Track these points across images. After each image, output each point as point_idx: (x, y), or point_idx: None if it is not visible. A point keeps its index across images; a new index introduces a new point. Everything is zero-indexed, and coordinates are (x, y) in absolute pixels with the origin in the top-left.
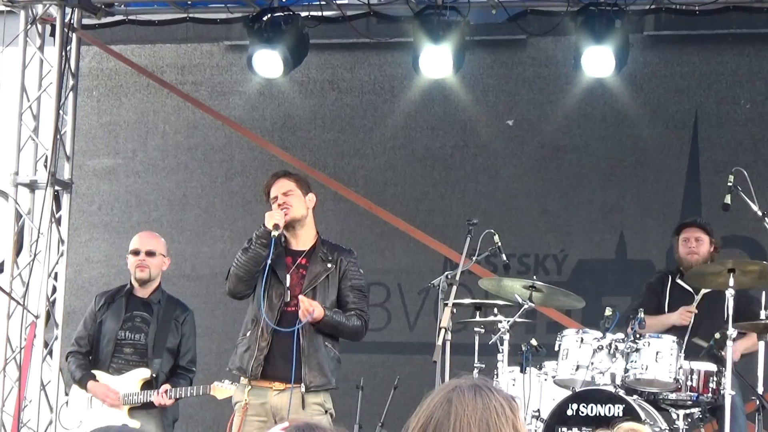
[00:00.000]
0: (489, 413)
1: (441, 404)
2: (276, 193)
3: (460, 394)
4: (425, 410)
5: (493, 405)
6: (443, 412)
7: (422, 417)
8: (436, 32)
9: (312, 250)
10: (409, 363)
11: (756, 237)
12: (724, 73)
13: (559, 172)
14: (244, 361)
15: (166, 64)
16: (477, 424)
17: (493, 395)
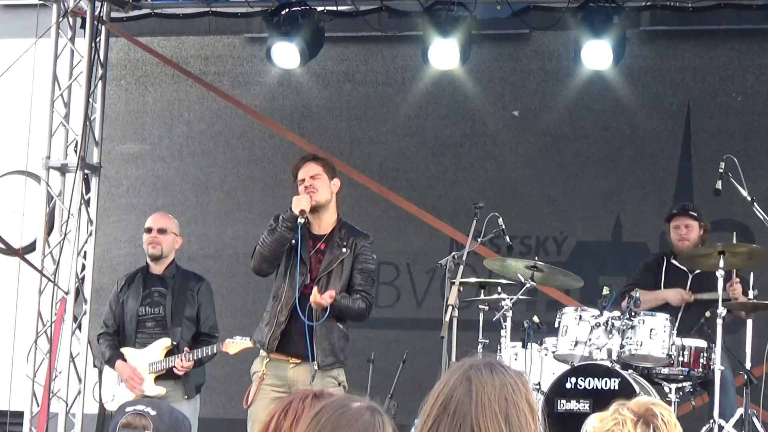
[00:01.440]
0: (506, 389)
1: (461, 382)
2: (303, 176)
3: (477, 373)
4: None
5: (509, 381)
6: (464, 390)
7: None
8: (444, 26)
9: (331, 235)
10: (418, 338)
11: (745, 221)
12: (716, 66)
13: (561, 159)
14: (264, 334)
15: (190, 55)
16: (497, 400)
17: (507, 372)
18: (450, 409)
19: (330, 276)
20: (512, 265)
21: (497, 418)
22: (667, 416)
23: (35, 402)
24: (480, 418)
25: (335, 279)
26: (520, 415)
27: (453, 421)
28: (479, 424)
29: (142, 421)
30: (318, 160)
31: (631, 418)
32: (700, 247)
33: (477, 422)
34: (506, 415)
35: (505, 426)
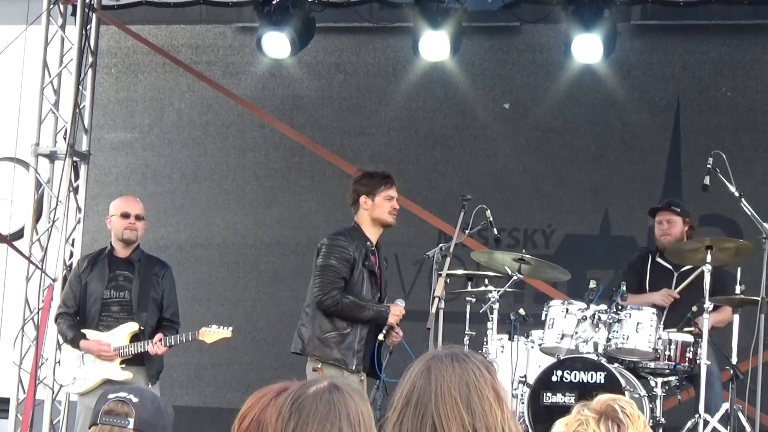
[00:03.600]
0: (468, 376)
1: (421, 373)
2: (392, 195)
3: (438, 362)
4: (407, 381)
5: (471, 369)
6: (424, 380)
7: (405, 388)
8: (434, 18)
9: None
10: (405, 329)
11: (733, 216)
12: (706, 61)
13: (550, 152)
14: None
15: (181, 44)
16: (457, 387)
17: (470, 360)
18: (412, 401)
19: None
20: (500, 257)
21: (457, 405)
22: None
23: (21, 389)
24: (440, 405)
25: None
26: (484, 401)
27: (416, 413)
28: (439, 412)
29: (125, 408)
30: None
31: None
32: (686, 241)
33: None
34: (468, 402)
35: (467, 412)
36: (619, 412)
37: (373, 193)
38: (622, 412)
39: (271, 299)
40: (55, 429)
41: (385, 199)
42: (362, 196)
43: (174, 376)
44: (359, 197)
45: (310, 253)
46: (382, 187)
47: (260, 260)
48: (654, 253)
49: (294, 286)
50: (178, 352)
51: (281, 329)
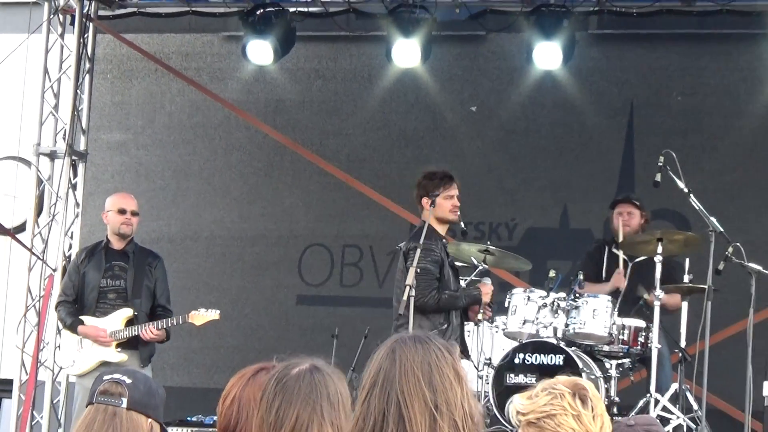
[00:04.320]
0: (430, 357)
1: (387, 355)
2: (453, 194)
3: (402, 345)
4: (374, 363)
5: (433, 350)
6: (389, 362)
7: (372, 368)
8: (406, 27)
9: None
10: (379, 315)
11: (682, 210)
12: (657, 68)
13: (514, 152)
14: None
15: (172, 52)
16: (420, 366)
17: (431, 342)
18: (379, 380)
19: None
20: (466, 248)
21: (420, 384)
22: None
23: (24, 371)
24: (404, 384)
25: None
26: (444, 380)
27: (382, 391)
28: (403, 389)
29: (118, 389)
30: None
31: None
32: (639, 234)
33: (401, 388)
34: (430, 380)
35: (429, 390)
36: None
37: (434, 194)
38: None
39: (255, 287)
40: (55, 408)
41: (445, 199)
42: (423, 198)
43: (165, 358)
44: (421, 199)
45: (292, 245)
46: (441, 188)
47: (245, 251)
48: (610, 244)
49: (276, 275)
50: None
51: (264, 315)
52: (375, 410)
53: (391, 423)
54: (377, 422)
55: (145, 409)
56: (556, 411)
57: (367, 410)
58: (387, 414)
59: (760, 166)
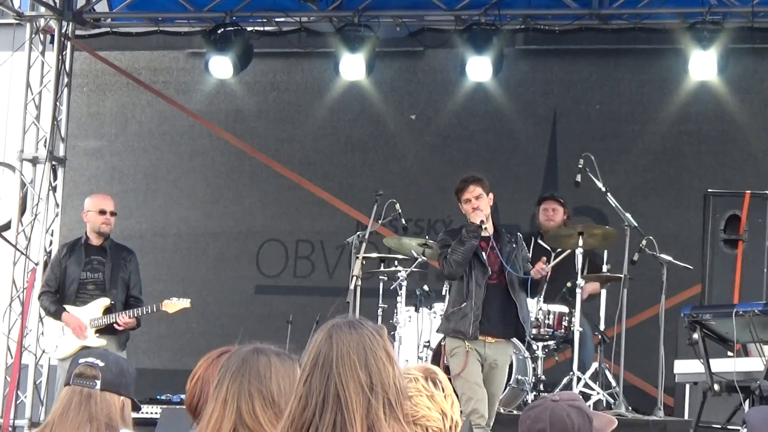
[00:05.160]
0: (364, 340)
1: (324, 340)
2: (468, 197)
3: (338, 329)
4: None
5: (366, 333)
6: (327, 346)
7: (312, 352)
8: (352, 44)
9: (496, 234)
10: (329, 303)
11: (600, 207)
12: (578, 80)
13: (449, 155)
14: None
15: (142, 67)
16: (355, 349)
17: (364, 326)
18: (318, 363)
19: (514, 266)
20: (407, 242)
21: (356, 366)
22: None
23: (9, 355)
24: (340, 366)
25: (518, 268)
26: (378, 361)
27: (321, 373)
28: (340, 372)
29: (92, 372)
30: (478, 182)
31: (421, 375)
32: (562, 228)
33: (338, 371)
34: (365, 362)
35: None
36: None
37: (459, 199)
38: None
39: (217, 278)
40: (38, 389)
41: (464, 203)
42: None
43: (138, 343)
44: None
45: (250, 240)
46: (459, 194)
47: (208, 246)
48: (536, 236)
49: (236, 267)
50: (141, 323)
51: (226, 303)
52: (316, 391)
53: (330, 403)
54: (318, 403)
55: (117, 389)
56: (412, 393)
57: (309, 390)
58: (327, 395)
59: (669, 167)
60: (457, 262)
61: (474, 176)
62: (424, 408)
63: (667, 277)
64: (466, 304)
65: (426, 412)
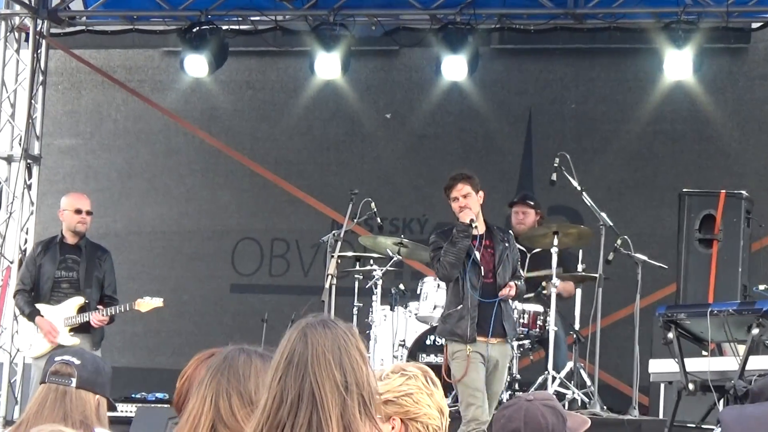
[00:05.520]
0: (338, 340)
1: (299, 339)
2: (456, 195)
3: (312, 329)
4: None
5: (340, 333)
6: (302, 345)
7: (285, 351)
8: (327, 43)
9: (488, 233)
10: (304, 302)
11: (576, 207)
12: (553, 79)
13: (424, 155)
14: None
15: (117, 65)
16: (330, 349)
17: (337, 326)
18: (293, 362)
19: (503, 266)
20: (382, 241)
21: (331, 365)
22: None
23: None
24: (315, 366)
25: (507, 268)
26: (352, 360)
27: (296, 372)
28: (315, 372)
29: (68, 369)
30: (467, 180)
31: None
32: (537, 228)
33: (313, 370)
34: (340, 362)
35: (338, 371)
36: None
37: (448, 197)
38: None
39: (192, 277)
40: (12, 387)
41: (453, 201)
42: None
43: (112, 341)
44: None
45: (225, 239)
46: (447, 192)
47: (183, 245)
48: None
49: (212, 266)
50: (116, 322)
51: (201, 302)
52: (291, 389)
53: (305, 402)
54: (293, 401)
55: (92, 387)
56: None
57: (283, 389)
58: (302, 394)
59: (644, 167)
60: (450, 263)
61: (463, 174)
62: (426, 406)
63: (642, 276)
64: (462, 306)
65: (427, 410)
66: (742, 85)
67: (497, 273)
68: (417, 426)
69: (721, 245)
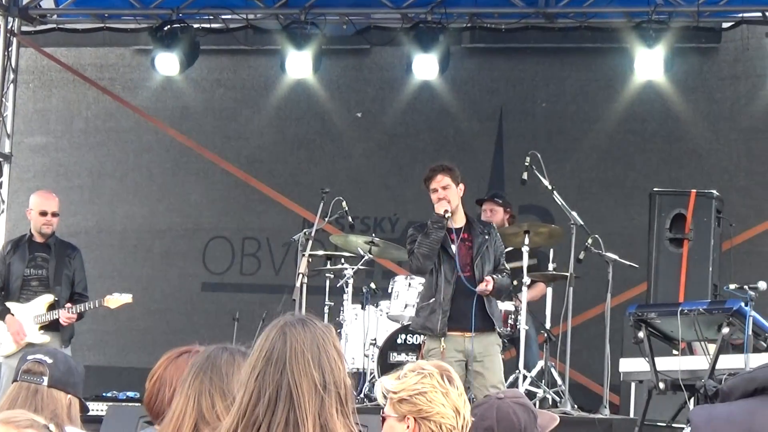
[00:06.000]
0: (317, 339)
1: (278, 337)
2: (436, 186)
3: (291, 327)
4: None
5: (319, 332)
6: (281, 342)
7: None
8: (299, 41)
9: (468, 226)
10: (275, 301)
11: (546, 206)
12: (524, 78)
13: (395, 153)
14: (433, 322)
15: (88, 64)
16: (309, 348)
17: (316, 324)
18: (272, 359)
19: (483, 259)
20: (353, 240)
21: (309, 363)
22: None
23: None
24: (294, 364)
25: (487, 261)
26: (330, 359)
27: (275, 370)
28: (293, 369)
29: (40, 368)
30: (446, 171)
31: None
32: (508, 226)
33: (291, 368)
34: (318, 360)
35: (317, 369)
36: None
37: (428, 189)
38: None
39: (163, 276)
40: None
41: (432, 193)
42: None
43: (83, 340)
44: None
45: (197, 238)
46: (426, 183)
47: (154, 243)
48: None
49: (182, 264)
50: (86, 320)
51: (172, 300)
52: (268, 387)
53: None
54: (270, 399)
55: (64, 387)
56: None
57: (261, 386)
58: (279, 392)
59: (615, 166)
60: (424, 255)
61: (443, 165)
62: (439, 405)
63: (613, 275)
64: (434, 300)
65: (440, 409)
66: (713, 85)
67: (475, 266)
68: (430, 425)
69: (691, 244)
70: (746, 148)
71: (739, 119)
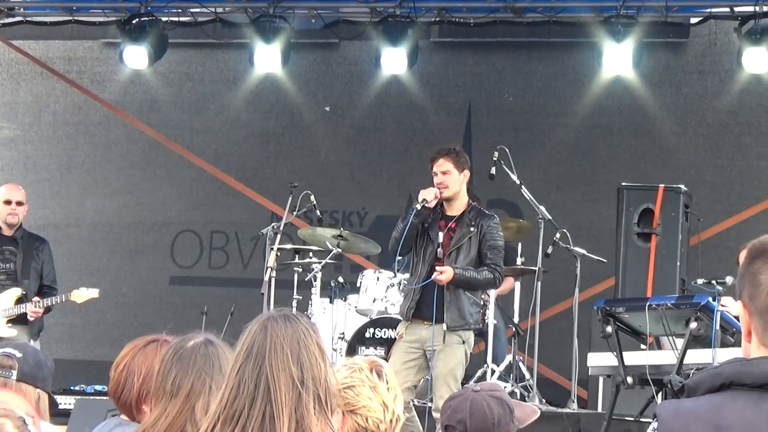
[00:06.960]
0: (298, 334)
1: (259, 331)
2: (437, 170)
3: (273, 322)
4: (247, 338)
5: (301, 328)
6: (262, 337)
7: (245, 343)
8: (267, 35)
9: (461, 216)
10: (243, 294)
11: (515, 200)
12: (492, 72)
13: (364, 147)
14: (403, 306)
15: (56, 56)
16: (289, 343)
17: (299, 320)
18: (252, 353)
19: (459, 251)
20: (322, 234)
21: (288, 360)
22: (387, 368)
23: None
24: (273, 358)
25: (464, 254)
26: (311, 356)
27: (255, 363)
28: (272, 363)
29: (9, 362)
30: (450, 156)
31: (366, 366)
32: None
33: (270, 362)
34: (298, 356)
35: (295, 365)
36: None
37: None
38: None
39: (132, 269)
40: None
41: (433, 176)
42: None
43: (51, 333)
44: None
45: (166, 231)
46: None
47: (123, 237)
48: None
49: (151, 258)
50: (54, 313)
51: (140, 294)
52: (248, 381)
53: (261, 394)
54: (249, 393)
55: (33, 381)
56: (355, 383)
57: (241, 380)
58: (258, 386)
59: (582, 160)
60: (394, 237)
61: (447, 148)
62: (366, 398)
63: (581, 270)
64: (408, 282)
65: (367, 402)
66: (681, 80)
67: (450, 256)
68: (356, 419)
69: (659, 239)
70: (714, 142)
71: (707, 114)
